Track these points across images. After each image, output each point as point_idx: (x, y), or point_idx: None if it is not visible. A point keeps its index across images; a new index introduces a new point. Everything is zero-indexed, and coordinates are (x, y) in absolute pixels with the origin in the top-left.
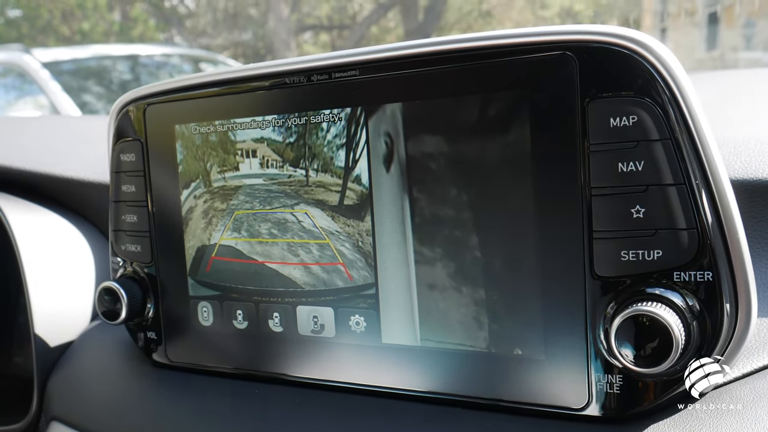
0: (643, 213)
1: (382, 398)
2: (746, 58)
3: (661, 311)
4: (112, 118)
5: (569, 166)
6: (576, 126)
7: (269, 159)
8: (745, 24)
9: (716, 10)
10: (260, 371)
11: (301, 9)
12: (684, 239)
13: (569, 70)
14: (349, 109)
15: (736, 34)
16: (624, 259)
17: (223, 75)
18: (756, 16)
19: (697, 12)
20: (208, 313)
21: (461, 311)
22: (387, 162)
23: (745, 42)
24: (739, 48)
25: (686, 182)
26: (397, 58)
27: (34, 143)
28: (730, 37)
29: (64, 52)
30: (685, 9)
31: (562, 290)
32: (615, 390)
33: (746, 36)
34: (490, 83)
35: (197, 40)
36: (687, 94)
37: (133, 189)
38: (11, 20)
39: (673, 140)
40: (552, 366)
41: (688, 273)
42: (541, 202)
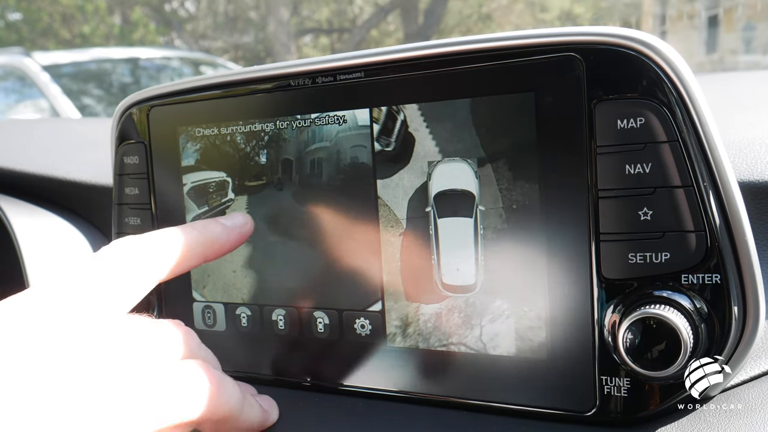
0: (650, 215)
1: (384, 401)
2: (746, 61)
3: (669, 314)
4: (115, 120)
5: (576, 168)
6: (583, 128)
7: (273, 161)
8: (745, 27)
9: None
10: (266, 375)
11: (301, 12)
12: (692, 241)
13: (576, 71)
14: (355, 111)
15: (736, 38)
16: (631, 261)
17: (228, 77)
18: (756, 20)
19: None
20: (211, 317)
21: (463, 313)
22: (392, 164)
23: (744, 45)
24: (738, 51)
25: (694, 184)
26: (403, 60)
27: (36, 146)
28: (729, 40)
29: (65, 55)
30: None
31: (569, 293)
32: (622, 393)
33: (746, 39)
34: (496, 85)
35: (197, 44)
36: (695, 95)
37: (136, 191)
38: (11, 23)
39: (680, 142)
40: (558, 369)
41: (696, 275)
42: (547, 204)
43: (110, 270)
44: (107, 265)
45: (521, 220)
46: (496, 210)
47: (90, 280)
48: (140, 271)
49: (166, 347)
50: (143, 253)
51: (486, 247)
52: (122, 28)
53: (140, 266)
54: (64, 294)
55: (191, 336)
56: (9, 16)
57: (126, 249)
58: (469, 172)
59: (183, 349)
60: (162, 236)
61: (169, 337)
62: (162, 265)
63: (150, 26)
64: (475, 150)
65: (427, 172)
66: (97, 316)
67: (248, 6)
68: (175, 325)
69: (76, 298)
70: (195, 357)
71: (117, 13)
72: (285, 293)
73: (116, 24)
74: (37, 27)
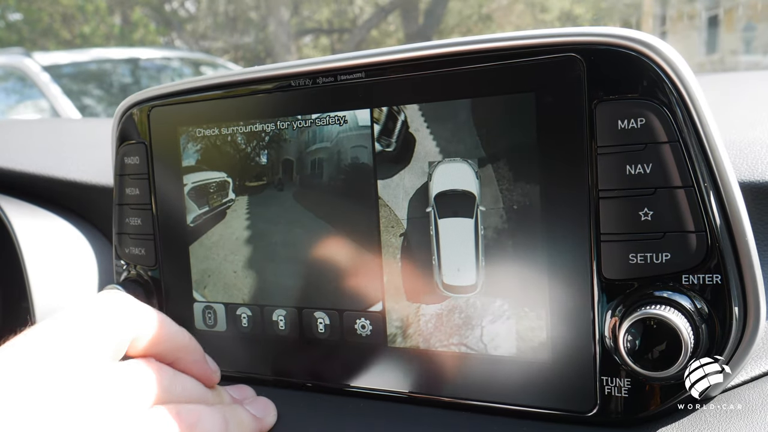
0: (651, 215)
1: (385, 402)
2: (746, 62)
3: (669, 314)
4: (116, 120)
5: (576, 169)
6: (583, 128)
7: (274, 161)
8: (745, 27)
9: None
10: (267, 375)
11: (301, 13)
12: (692, 242)
13: (576, 72)
14: (356, 111)
15: (736, 38)
16: (632, 261)
17: (230, 78)
18: (756, 20)
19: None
20: (212, 317)
21: (463, 314)
22: (393, 164)
23: (744, 45)
24: (738, 51)
25: (694, 185)
26: (404, 61)
27: (36, 146)
28: (730, 40)
29: (65, 55)
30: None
31: (570, 293)
32: (623, 393)
33: (746, 39)
34: (497, 85)
35: (197, 44)
36: (695, 96)
37: (137, 192)
38: (12, 24)
39: (681, 142)
40: (558, 370)
41: (696, 276)
42: (548, 205)
43: (103, 321)
44: (101, 316)
45: (522, 221)
46: (496, 210)
47: (83, 327)
48: (127, 331)
49: (139, 394)
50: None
51: (487, 247)
52: (122, 28)
53: (127, 325)
54: (55, 341)
55: (164, 374)
56: (9, 17)
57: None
58: (470, 172)
59: (156, 392)
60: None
61: (142, 383)
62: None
63: (150, 26)
64: (475, 150)
65: (428, 172)
66: (80, 364)
67: (248, 6)
68: (149, 367)
69: (64, 346)
70: (169, 397)
71: (117, 14)
72: (286, 294)
73: (116, 24)
74: (37, 27)
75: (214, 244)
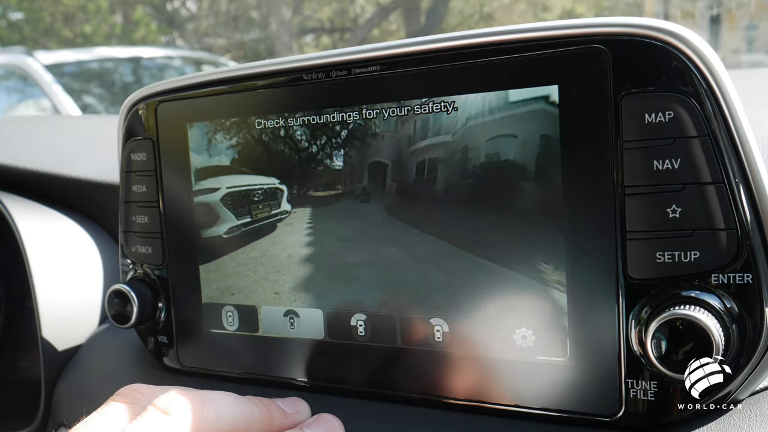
0: (679, 213)
1: (401, 404)
2: (748, 61)
3: (700, 315)
4: (122, 116)
5: (602, 165)
6: (609, 122)
7: (285, 156)
8: (747, 27)
9: (718, 12)
10: (275, 377)
11: (302, 12)
12: (722, 240)
13: (601, 64)
14: (370, 105)
15: (738, 37)
16: (659, 260)
17: (237, 71)
18: (758, 19)
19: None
20: (222, 317)
21: (488, 314)
22: (406, 159)
23: (746, 45)
24: (740, 50)
25: (725, 180)
26: (421, 53)
27: (40, 143)
28: (731, 39)
29: (67, 54)
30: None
31: (593, 293)
32: (649, 397)
33: (748, 39)
34: (519, 78)
35: (199, 43)
36: (725, 88)
37: (144, 189)
38: (13, 23)
39: (711, 137)
40: (582, 372)
41: (726, 275)
42: (572, 202)
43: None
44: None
45: (544, 218)
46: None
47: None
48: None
49: None
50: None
51: None
52: (124, 27)
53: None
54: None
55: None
56: (11, 16)
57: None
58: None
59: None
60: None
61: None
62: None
63: (152, 25)
64: (496, 145)
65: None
66: None
67: (250, 5)
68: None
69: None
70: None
71: (119, 13)
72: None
73: (118, 23)
74: (39, 26)
75: (253, 260)
